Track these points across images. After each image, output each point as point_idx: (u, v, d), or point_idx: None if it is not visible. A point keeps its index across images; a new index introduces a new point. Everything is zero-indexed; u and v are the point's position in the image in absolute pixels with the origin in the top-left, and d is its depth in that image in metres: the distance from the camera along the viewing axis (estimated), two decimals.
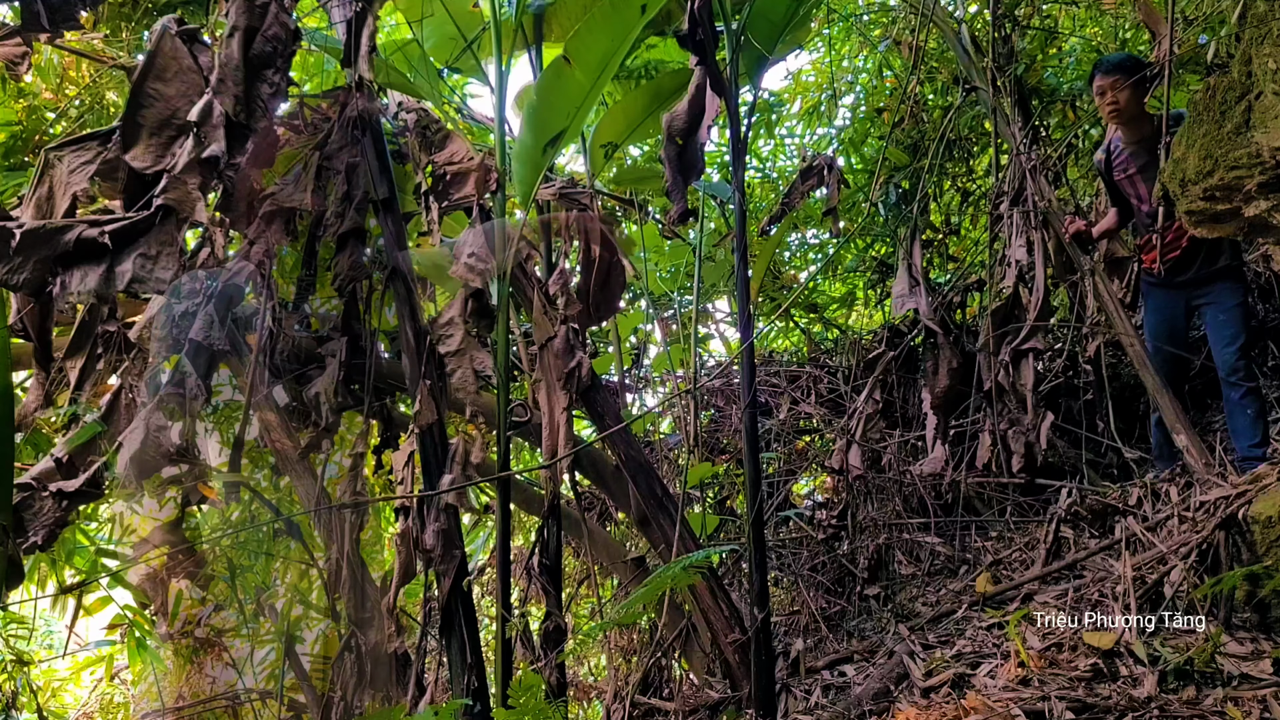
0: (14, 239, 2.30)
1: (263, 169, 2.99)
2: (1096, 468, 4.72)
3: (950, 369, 4.65)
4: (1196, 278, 4.10)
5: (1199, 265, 4.07)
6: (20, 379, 5.00)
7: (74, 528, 4.84)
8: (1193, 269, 4.09)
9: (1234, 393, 3.93)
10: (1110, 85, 4.02)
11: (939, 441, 4.73)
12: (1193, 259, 4.08)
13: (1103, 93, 4.04)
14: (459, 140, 3.78)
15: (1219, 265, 4.04)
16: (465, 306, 3.61)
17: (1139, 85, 3.99)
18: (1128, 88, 3.95)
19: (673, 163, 3.57)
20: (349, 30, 3.53)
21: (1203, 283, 4.09)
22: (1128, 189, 4.23)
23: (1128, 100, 3.99)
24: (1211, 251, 4.03)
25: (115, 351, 3.64)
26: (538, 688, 2.44)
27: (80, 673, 7.38)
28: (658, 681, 4.13)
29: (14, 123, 5.02)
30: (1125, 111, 4.02)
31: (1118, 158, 4.22)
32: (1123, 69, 4.00)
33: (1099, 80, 4.06)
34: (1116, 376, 4.88)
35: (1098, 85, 4.07)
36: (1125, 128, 4.12)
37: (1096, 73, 4.09)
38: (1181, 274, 4.14)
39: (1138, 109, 4.04)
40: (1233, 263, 4.05)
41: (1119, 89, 3.98)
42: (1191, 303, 4.15)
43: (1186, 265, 4.10)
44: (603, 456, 4.41)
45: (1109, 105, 4.02)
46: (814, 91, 7.40)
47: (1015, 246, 4.67)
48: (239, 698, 5.88)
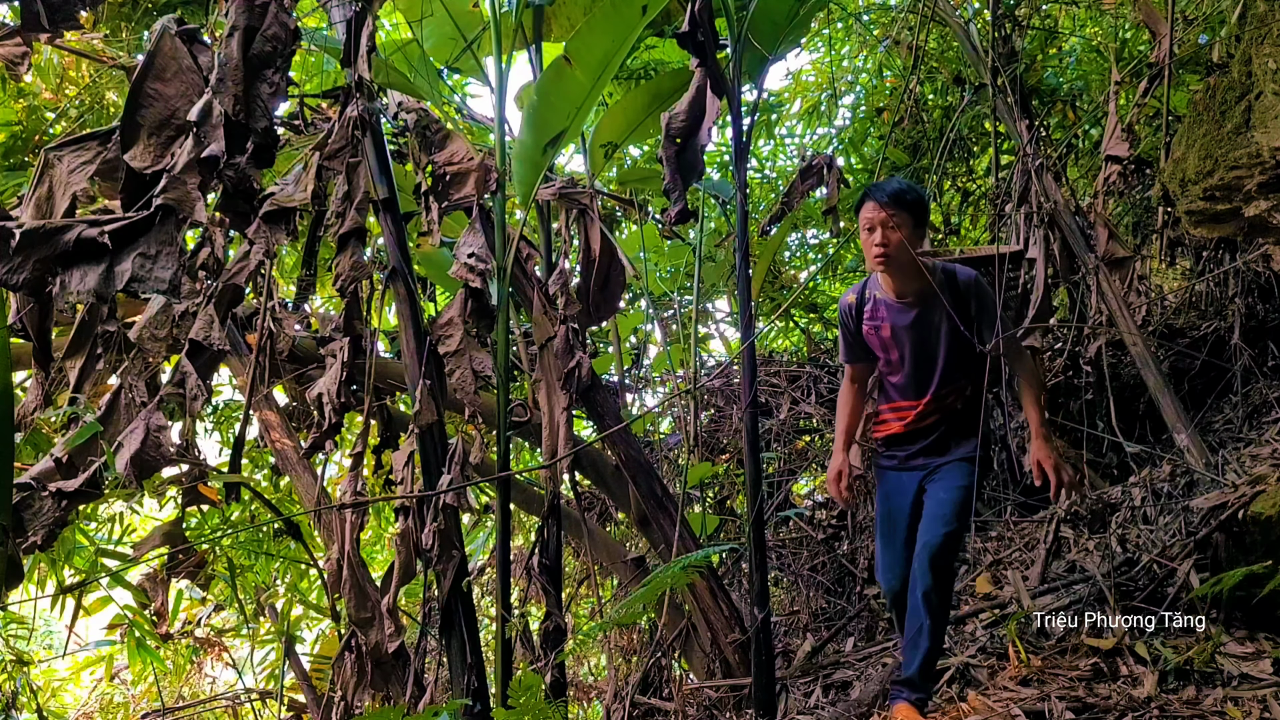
0: (14, 239, 2.30)
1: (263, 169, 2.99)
2: (1097, 467, 4.72)
3: None
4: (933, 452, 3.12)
5: (942, 440, 3.11)
6: (20, 379, 5.00)
7: (74, 528, 4.84)
8: (933, 444, 3.11)
9: (914, 618, 2.92)
10: (881, 221, 2.94)
11: None
12: (933, 432, 3.11)
13: (871, 228, 2.96)
14: (459, 140, 3.78)
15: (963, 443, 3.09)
16: (465, 306, 3.61)
17: (916, 229, 2.98)
18: (902, 229, 2.93)
19: (672, 163, 3.57)
20: (349, 30, 3.53)
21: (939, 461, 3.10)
22: (875, 346, 3.15)
23: (900, 245, 2.93)
24: (959, 426, 3.10)
25: (115, 351, 3.64)
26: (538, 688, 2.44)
27: (80, 673, 7.38)
28: (658, 681, 4.13)
29: (14, 123, 5.02)
30: (895, 258, 2.95)
31: (871, 306, 3.14)
32: (901, 202, 2.94)
33: (867, 211, 2.98)
34: (1117, 376, 4.88)
35: (865, 217, 2.99)
36: (890, 275, 3.03)
37: (866, 199, 3.02)
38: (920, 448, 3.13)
39: (910, 258, 2.97)
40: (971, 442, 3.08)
41: (891, 228, 2.93)
42: (924, 484, 3.12)
43: (928, 438, 3.12)
44: (603, 456, 4.41)
45: (876, 246, 2.94)
46: (814, 91, 7.40)
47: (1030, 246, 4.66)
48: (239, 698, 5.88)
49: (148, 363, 3.48)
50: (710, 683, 3.82)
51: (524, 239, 3.98)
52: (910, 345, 3.05)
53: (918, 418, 3.09)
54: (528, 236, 4.15)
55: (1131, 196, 5.62)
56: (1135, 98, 5.05)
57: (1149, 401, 4.50)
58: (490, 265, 3.63)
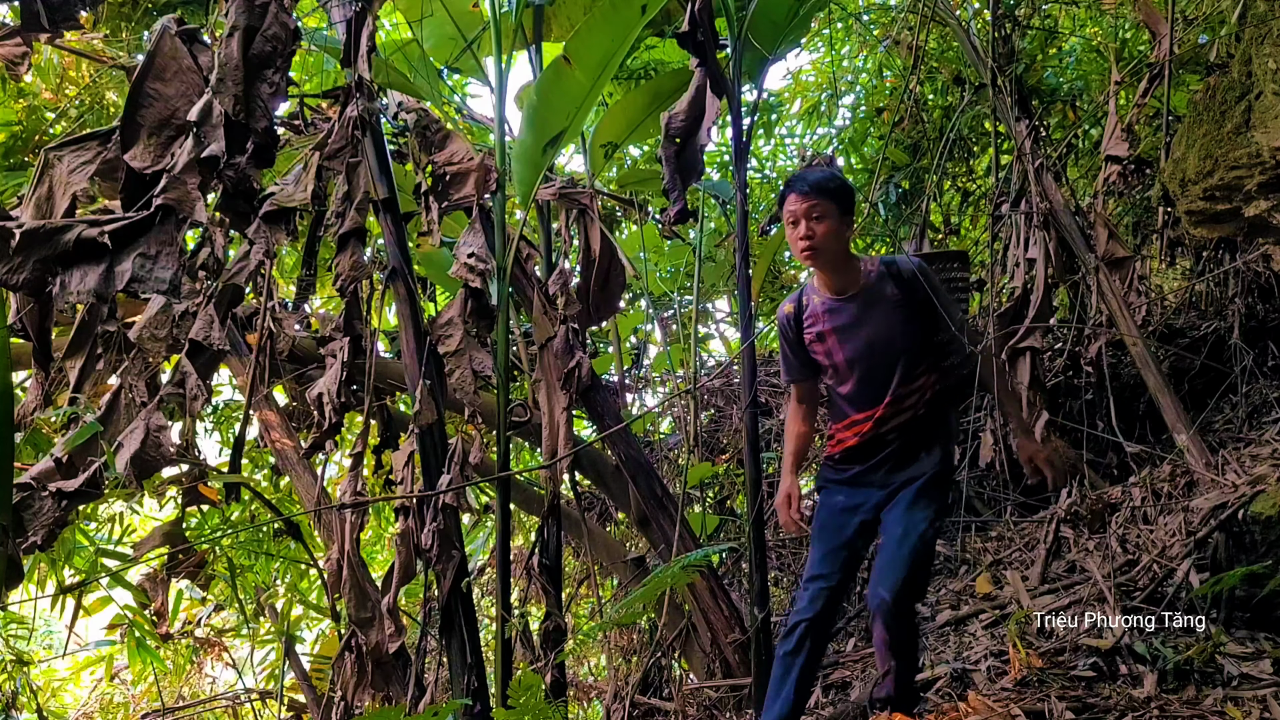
0: (14, 239, 2.30)
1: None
2: (1097, 467, 4.72)
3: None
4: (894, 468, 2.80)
5: (904, 451, 2.78)
6: (20, 379, 5.00)
7: (74, 528, 4.84)
8: (895, 455, 2.79)
9: (881, 660, 2.70)
10: (804, 212, 2.69)
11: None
12: (894, 443, 2.79)
13: (794, 221, 2.72)
14: (459, 140, 3.78)
15: (929, 452, 2.77)
16: (465, 306, 3.61)
17: (844, 217, 2.74)
18: (828, 219, 2.69)
19: (672, 163, 3.57)
20: (349, 30, 3.53)
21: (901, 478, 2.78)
22: (819, 356, 2.85)
23: (828, 235, 2.69)
24: (924, 433, 2.79)
25: (115, 351, 3.64)
26: (538, 688, 2.45)
27: (80, 673, 7.38)
28: (658, 681, 4.14)
29: (14, 123, 5.02)
30: (823, 252, 2.71)
31: (810, 311, 2.85)
32: (824, 191, 2.71)
33: (790, 204, 2.73)
34: (1117, 376, 4.87)
35: (788, 210, 2.74)
36: (823, 273, 2.80)
37: (789, 191, 2.76)
38: (879, 461, 2.81)
39: (841, 249, 2.75)
40: (939, 451, 2.78)
41: (816, 218, 2.68)
42: (881, 512, 2.80)
43: (888, 448, 2.80)
44: (603, 456, 4.41)
45: (801, 241, 2.70)
46: (814, 91, 7.40)
47: (1029, 246, 4.66)
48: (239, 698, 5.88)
49: (148, 363, 3.48)
50: (710, 683, 3.82)
51: (524, 239, 3.98)
52: (857, 346, 2.76)
53: (876, 425, 2.76)
54: (528, 236, 4.16)
55: (1131, 196, 5.61)
56: (1135, 98, 5.05)
57: (1149, 401, 4.50)
58: (490, 265, 3.63)
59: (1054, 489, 2.86)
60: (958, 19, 5.44)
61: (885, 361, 2.74)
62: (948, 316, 2.76)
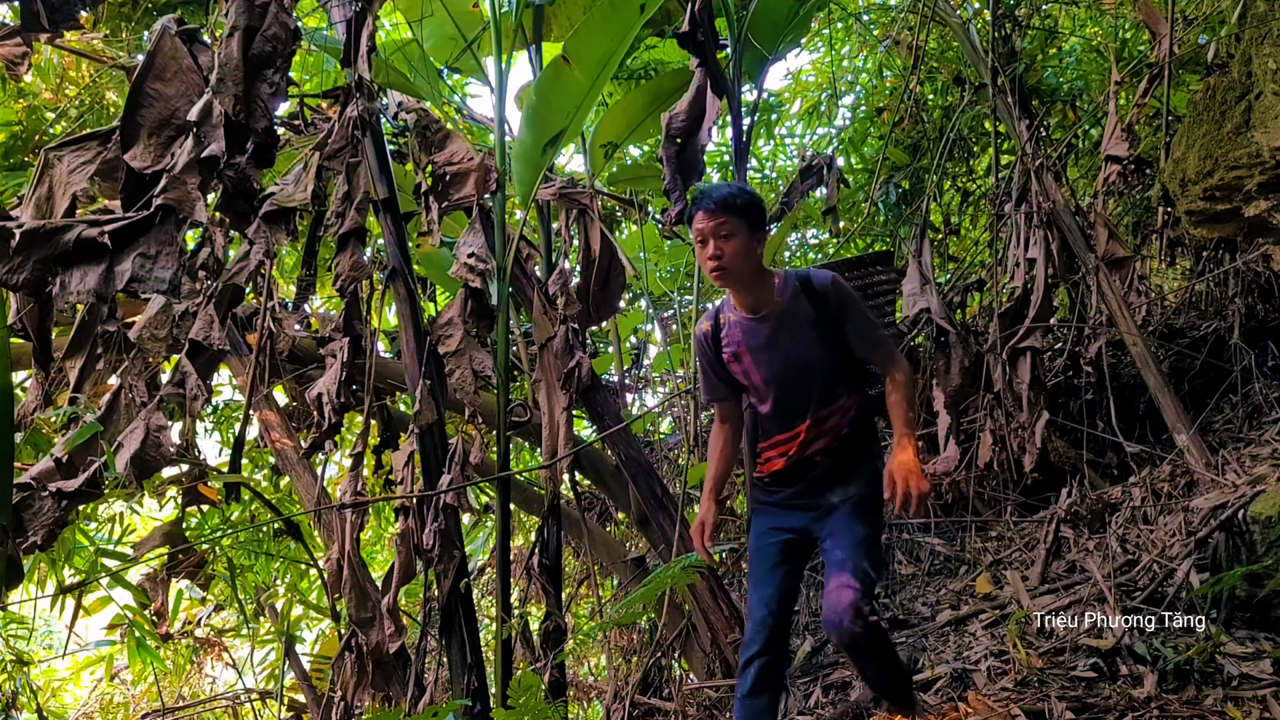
0: (14, 239, 2.30)
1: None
2: (1097, 467, 4.72)
3: (962, 367, 4.65)
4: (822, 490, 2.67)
5: (831, 472, 2.66)
6: (20, 379, 5.00)
7: (74, 528, 4.84)
8: (822, 477, 2.67)
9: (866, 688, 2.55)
10: (711, 231, 2.54)
11: (951, 440, 4.72)
12: (820, 465, 2.67)
13: (702, 240, 2.57)
14: (459, 140, 3.78)
15: (857, 471, 2.65)
16: (465, 306, 3.61)
17: (753, 234, 2.58)
18: (736, 237, 2.54)
19: (672, 163, 3.57)
20: (349, 30, 3.54)
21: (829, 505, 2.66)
22: (738, 375, 2.73)
23: (736, 254, 2.54)
24: (851, 453, 2.67)
25: (115, 351, 3.65)
26: (537, 688, 2.45)
27: (80, 673, 7.39)
28: (658, 681, 4.13)
29: (14, 123, 5.03)
30: (733, 271, 2.56)
31: (726, 330, 2.72)
32: (731, 208, 2.54)
33: (696, 222, 2.58)
34: (1117, 376, 4.88)
35: (695, 229, 2.59)
36: (735, 292, 2.67)
37: (694, 209, 2.61)
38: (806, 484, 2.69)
39: (751, 267, 2.59)
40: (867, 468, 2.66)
41: (724, 236, 2.53)
42: (816, 534, 2.69)
43: (814, 470, 2.68)
44: (603, 456, 4.41)
45: (710, 260, 2.56)
46: (814, 91, 7.41)
47: (1030, 246, 4.66)
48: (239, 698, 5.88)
49: (148, 363, 3.49)
50: (710, 683, 3.82)
51: (524, 239, 3.98)
52: (773, 367, 2.65)
53: (800, 448, 2.65)
54: (528, 236, 4.16)
55: (1131, 196, 5.61)
56: (1135, 98, 5.05)
57: (1149, 401, 4.50)
58: (490, 265, 3.63)
59: (904, 508, 2.50)
60: (958, 19, 5.44)
61: (802, 382, 2.63)
62: (862, 334, 2.61)
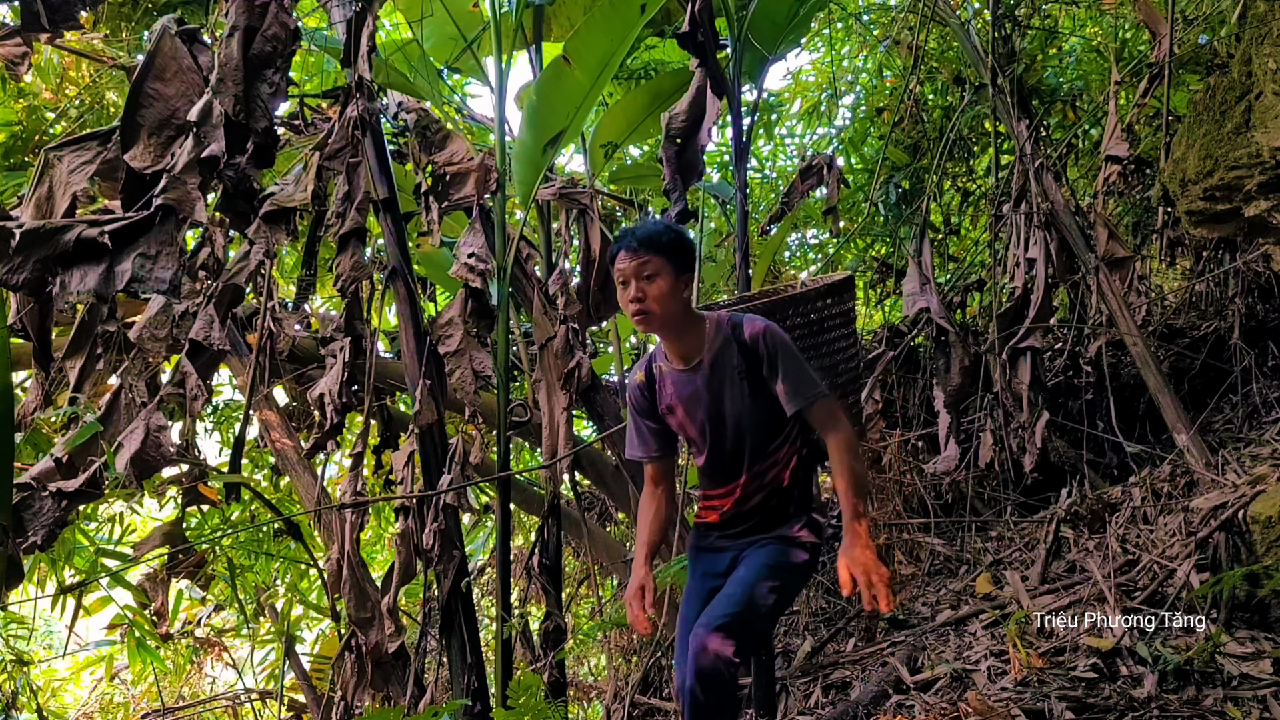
0: (14, 239, 2.30)
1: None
2: (1097, 467, 4.72)
3: (962, 367, 4.66)
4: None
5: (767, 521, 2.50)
6: (20, 379, 5.00)
7: (74, 528, 4.84)
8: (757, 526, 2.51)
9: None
10: (634, 271, 2.34)
11: (951, 440, 4.73)
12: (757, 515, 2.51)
13: (624, 282, 2.36)
14: (459, 140, 3.79)
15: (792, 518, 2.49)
16: (465, 306, 3.61)
17: (680, 275, 2.37)
18: (660, 278, 2.33)
19: (672, 163, 3.57)
20: (349, 30, 3.54)
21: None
22: (674, 426, 2.55)
23: (661, 296, 2.33)
24: (789, 503, 2.51)
25: (115, 351, 3.65)
26: (537, 688, 2.45)
27: (80, 673, 7.39)
28: (658, 681, 4.13)
29: (14, 123, 5.03)
30: (657, 315, 2.35)
31: (659, 381, 2.52)
32: (655, 246, 2.34)
33: (619, 263, 2.37)
34: (1117, 376, 4.87)
35: (617, 270, 2.37)
36: (663, 338, 2.47)
37: (617, 248, 2.40)
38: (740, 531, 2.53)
39: (677, 311, 2.37)
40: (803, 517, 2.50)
41: (647, 277, 2.33)
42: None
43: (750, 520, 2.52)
44: (602, 456, 4.42)
45: (632, 304, 2.35)
46: (814, 91, 7.40)
47: (1030, 246, 4.66)
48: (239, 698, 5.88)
49: (148, 363, 3.49)
50: None
51: (524, 239, 3.98)
52: (705, 420, 2.44)
53: (736, 504, 2.50)
54: (528, 236, 4.16)
55: (1131, 196, 5.61)
56: (1135, 98, 5.05)
57: (1149, 401, 4.50)
58: (490, 265, 3.63)
59: (871, 605, 2.25)
60: (958, 19, 5.44)
61: (735, 436, 2.44)
62: (793, 389, 2.35)
